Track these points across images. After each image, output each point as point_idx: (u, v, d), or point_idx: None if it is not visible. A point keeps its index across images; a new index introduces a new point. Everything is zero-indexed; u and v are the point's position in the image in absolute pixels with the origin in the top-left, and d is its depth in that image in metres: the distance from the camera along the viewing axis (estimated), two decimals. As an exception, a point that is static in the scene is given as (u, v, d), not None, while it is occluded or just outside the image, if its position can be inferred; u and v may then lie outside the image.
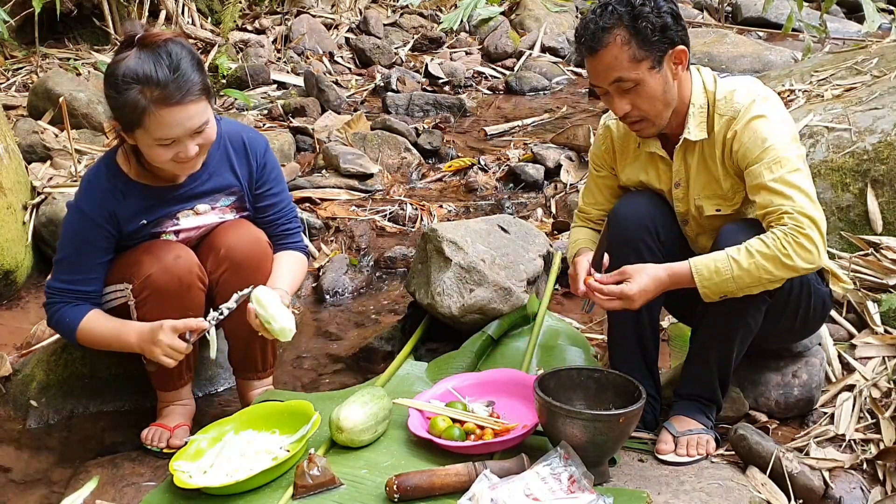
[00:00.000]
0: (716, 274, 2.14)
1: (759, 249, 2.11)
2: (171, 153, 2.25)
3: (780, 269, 2.11)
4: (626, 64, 2.15)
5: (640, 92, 2.18)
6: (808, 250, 2.10)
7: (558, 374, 2.30)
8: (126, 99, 2.19)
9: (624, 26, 2.14)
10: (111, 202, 2.36)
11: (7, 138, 3.58)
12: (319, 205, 4.20)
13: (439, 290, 2.86)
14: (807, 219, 2.10)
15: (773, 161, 2.14)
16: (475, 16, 7.07)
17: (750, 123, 2.18)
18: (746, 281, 2.13)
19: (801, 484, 2.18)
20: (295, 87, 5.81)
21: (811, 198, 2.14)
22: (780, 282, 2.16)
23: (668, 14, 2.16)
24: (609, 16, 2.15)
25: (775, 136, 2.16)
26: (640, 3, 2.15)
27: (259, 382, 2.68)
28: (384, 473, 2.16)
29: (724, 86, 2.26)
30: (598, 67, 2.19)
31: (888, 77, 3.54)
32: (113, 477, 2.39)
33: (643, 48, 2.14)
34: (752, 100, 2.20)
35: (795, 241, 2.09)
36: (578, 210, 2.62)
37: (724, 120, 2.22)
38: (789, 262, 2.10)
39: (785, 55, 6.26)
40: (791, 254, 2.09)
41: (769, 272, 2.11)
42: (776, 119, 2.19)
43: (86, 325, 2.39)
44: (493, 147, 5.02)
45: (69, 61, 5.49)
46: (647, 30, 2.14)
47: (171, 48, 2.22)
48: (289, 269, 2.54)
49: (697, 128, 2.26)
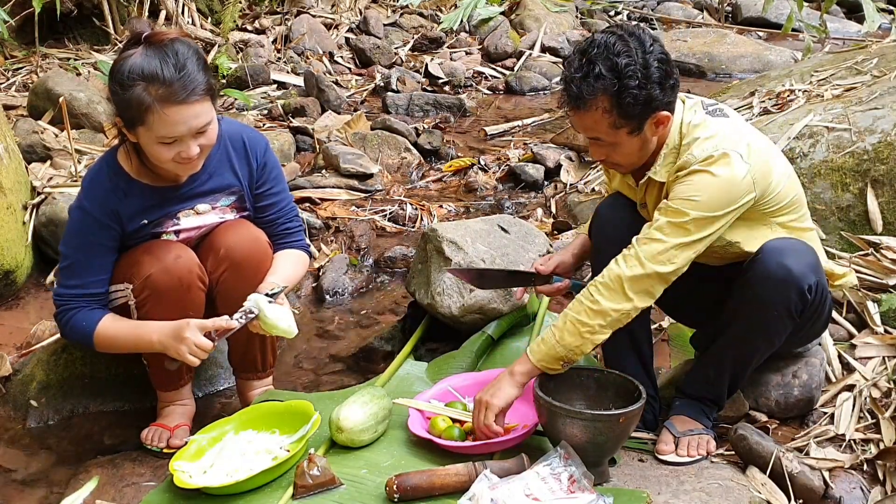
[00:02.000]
0: (542, 344, 2.20)
1: (571, 308, 2.18)
2: (173, 152, 2.25)
3: (594, 317, 2.14)
4: (604, 129, 2.14)
5: (616, 150, 2.20)
6: (613, 290, 2.12)
7: (558, 375, 2.30)
8: (131, 95, 2.19)
9: (607, 96, 2.09)
10: (113, 200, 2.36)
11: (7, 138, 3.57)
12: (319, 205, 4.20)
13: (439, 290, 2.86)
14: (636, 260, 2.11)
15: (675, 209, 2.12)
16: (475, 16, 7.07)
17: (689, 175, 2.14)
18: (570, 340, 2.16)
19: (801, 484, 2.18)
20: (295, 87, 5.81)
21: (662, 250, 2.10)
22: (604, 331, 2.15)
23: (656, 84, 2.10)
24: (594, 81, 2.08)
25: (700, 195, 2.11)
26: (627, 73, 2.06)
27: (259, 382, 2.68)
28: (384, 473, 2.16)
29: (695, 131, 2.19)
30: (578, 123, 2.20)
31: (888, 77, 3.55)
32: (113, 477, 2.39)
33: (623, 118, 2.12)
34: (707, 156, 2.13)
35: (602, 284, 2.14)
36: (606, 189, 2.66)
37: (675, 167, 2.19)
38: (597, 308, 2.13)
39: (785, 55, 6.27)
40: (597, 298, 2.13)
41: (585, 324, 2.14)
42: (713, 183, 2.11)
43: (102, 330, 2.36)
44: (493, 147, 5.02)
45: (69, 61, 5.49)
46: (629, 105, 2.09)
47: (177, 47, 2.22)
48: (287, 265, 2.53)
49: (664, 168, 2.22)
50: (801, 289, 2.15)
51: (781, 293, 2.15)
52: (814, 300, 2.20)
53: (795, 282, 2.15)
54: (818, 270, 2.22)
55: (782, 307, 2.17)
